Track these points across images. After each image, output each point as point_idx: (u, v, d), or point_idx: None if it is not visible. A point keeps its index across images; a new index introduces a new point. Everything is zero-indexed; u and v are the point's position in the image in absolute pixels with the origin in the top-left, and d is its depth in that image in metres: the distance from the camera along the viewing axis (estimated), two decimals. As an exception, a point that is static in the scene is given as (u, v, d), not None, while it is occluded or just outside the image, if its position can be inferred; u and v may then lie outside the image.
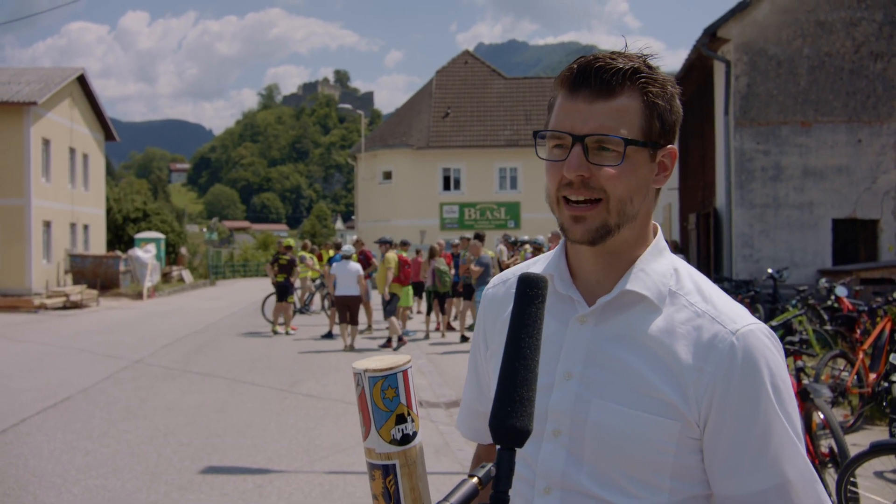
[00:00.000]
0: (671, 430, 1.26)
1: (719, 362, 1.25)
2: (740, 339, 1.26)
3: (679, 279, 1.35)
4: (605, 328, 1.33)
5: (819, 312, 11.22)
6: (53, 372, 11.84)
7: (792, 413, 1.27)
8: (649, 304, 1.32)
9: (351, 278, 14.57)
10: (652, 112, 1.30)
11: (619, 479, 1.28)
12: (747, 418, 1.25)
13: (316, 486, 6.12)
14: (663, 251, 1.38)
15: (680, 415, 1.26)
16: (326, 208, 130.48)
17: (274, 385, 10.67)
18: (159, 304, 27.43)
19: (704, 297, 1.33)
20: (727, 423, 1.25)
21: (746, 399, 1.24)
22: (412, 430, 1.25)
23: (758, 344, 1.26)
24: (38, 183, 29.59)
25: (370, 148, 40.53)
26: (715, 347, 1.26)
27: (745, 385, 1.24)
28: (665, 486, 1.28)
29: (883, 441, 4.94)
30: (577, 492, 1.31)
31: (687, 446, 1.28)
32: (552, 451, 1.33)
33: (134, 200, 43.91)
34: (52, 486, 6.17)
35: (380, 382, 1.22)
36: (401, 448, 1.23)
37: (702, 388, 1.26)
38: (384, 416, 1.23)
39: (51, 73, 32.16)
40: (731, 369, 1.25)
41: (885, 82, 15.56)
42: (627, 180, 1.29)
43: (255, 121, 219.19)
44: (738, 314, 1.30)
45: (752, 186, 15.81)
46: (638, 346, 1.30)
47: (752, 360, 1.25)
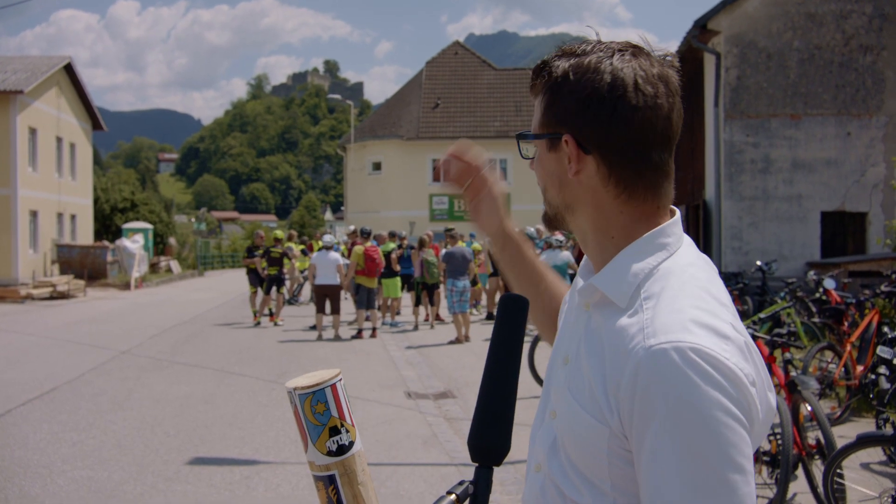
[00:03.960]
0: (601, 435, 1.18)
1: (628, 377, 1.14)
2: (648, 356, 1.12)
3: (653, 279, 1.24)
4: (593, 319, 1.31)
5: (807, 305, 11.26)
6: (40, 363, 11.77)
7: (696, 457, 1.07)
8: (612, 302, 1.26)
9: (330, 268, 14.72)
10: (552, 102, 1.31)
11: (573, 474, 1.25)
12: (639, 446, 1.13)
13: (303, 476, 6.10)
14: (659, 247, 1.27)
15: (605, 421, 1.18)
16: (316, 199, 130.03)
17: (262, 376, 10.63)
18: (147, 294, 27.32)
19: (657, 302, 1.19)
20: (633, 444, 1.15)
21: (641, 424, 1.12)
22: (348, 441, 1.30)
23: (667, 365, 1.10)
24: (25, 172, 29.40)
25: (360, 139, 40.43)
26: (630, 359, 1.15)
27: (641, 408, 1.12)
28: (607, 491, 1.21)
29: (869, 433, 4.96)
30: (549, 477, 1.29)
31: (619, 456, 1.18)
32: (546, 432, 1.33)
33: (122, 190, 43.63)
34: (37, 476, 6.13)
35: (309, 398, 1.28)
36: (337, 458, 1.28)
37: (619, 400, 1.16)
38: (318, 430, 1.28)
39: (38, 62, 31.91)
40: (634, 388, 1.13)
41: (874, 75, 15.59)
42: (538, 172, 1.36)
43: (244, 111, 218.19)
44: (671, 327, 1.14)
45: (742, 179, 15.83)
46: (596, 344, 1.24)
47: (651, 383, 1.11)
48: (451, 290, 14.21)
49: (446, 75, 42.09)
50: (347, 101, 48.37)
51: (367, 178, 40.07)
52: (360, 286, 14.84)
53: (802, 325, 9.84)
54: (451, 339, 14.00)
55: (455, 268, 14.37)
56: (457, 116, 39.94)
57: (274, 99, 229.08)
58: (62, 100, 33.18)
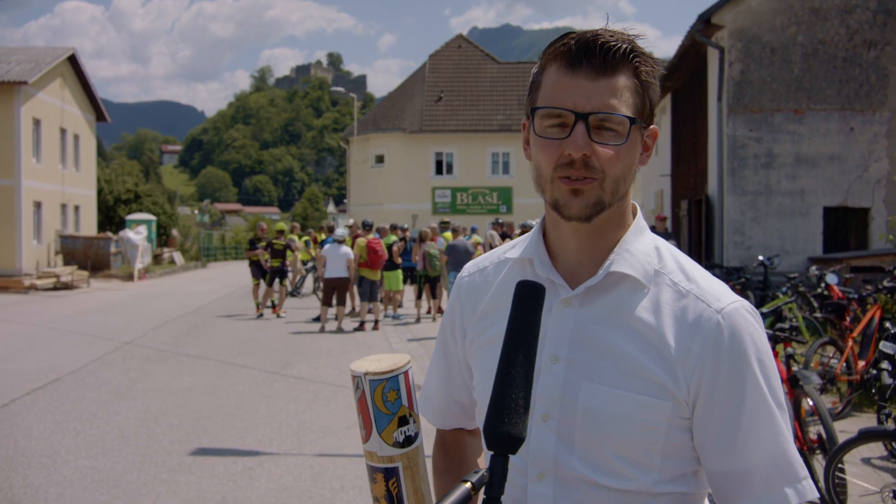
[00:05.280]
0: (661, 411, 1.27)
1: (706, 342, 1.26)
2: (726, 318, 1.27)
3: (661, 258, 1.35)
4: (589, 310, 1.33)
5: (809, 300, 11.25)
6: (43, 353, 11.81)
7: (777, 388, 1.29)
8: (635, 283, 1.32)
9: (341, 261, 14.73)
10: (644, 92, 1.30)
11: (611, 460, 1.28)
12: (736, 397, 1.26)
13: (306, 468, 6.13)
14: (644, 230, 1.38)
15: (670, 395, 1.27)
16: (318, 191, 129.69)
17: (265, 368, 10.66)
18: (150, 285, 27.36)
19: (687, 275, 1.33)
20: (717, 402, 1.26)
21: (735, 378, 1.26)
22: (414, 432, 1.23)
23: (742, 322, 1.28)
24: (29, 163, 29.40)
25: (363, 131, 40.40)
26: (701, 327, 1.27)
27: (733, 364, 1.26)
28: (656, 465, 1.29)
29: (871, 428, 4.97)
30: (570, 476, 1.30)
31: (677, 426, 1.28)
32: (542, 436, 1.32)
33: (125, 182, 43.63)
34: (41, 466, 6.17)
35: (381, 385, 1.20)
36: (404, 450, 1.22)
37: (690, 368, 1.26)
38: (387, 419, 1.20)
39: (42, 53, 31.89)
40: (719, 348, 1.26)
41: (878, 70, 15.56)
42: (624, 160, 1.29)
43: (247, 103, 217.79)
44: (722, 292, 1.31)
45: (745, 173, 15.82)
46: (625, 326, 1.30)
47: (738, 339, 1.26)
48: (453, 283, 14.22)
49: (449, 68, 42.01)
50: (351, 93, 48.35)
51: (369, 170, 40.05)
52: (362, 278, 14.88)
53: (804, 319, 9.84)
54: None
55: (457, 260, 14.39)
56: (460, 110, 39.88)
57: (277, 91, 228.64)
58: (66, 91, 33.16)
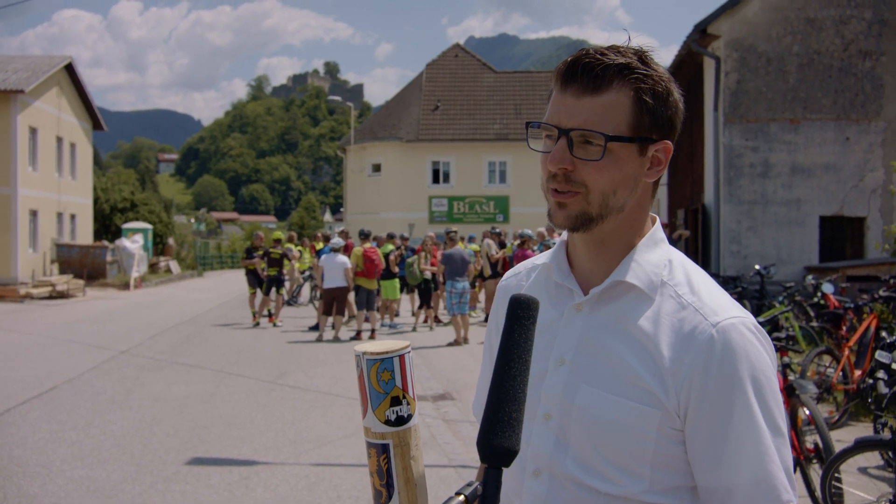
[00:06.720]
0: (651, 419, 1.28)
1: (697, 354, 1.27)
2: (720, 332, 1.27)
3: (672, 270, 1.37)
4: (597, 316, 1.36)
5: (805, 309, 11.26)
6: (39, 362, 11.78)
7: (774, 410, 1.28)
8: (640, 293, 1.34)
9: (338, 271, 14.70)
10: (641, 108, 1.32)
11: (601, 464, 1.31)
12: (724, 412, 1.26)
13: (302, 478, 6.11)
14: (659, 242, 1.40)
15: (660, 404, 1.28)
16: (315, 200, 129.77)
17: (261, 377, 10.64)
18: (146, 294, 27.31)
19: (692, 288, 1.34)
20: (704, 416, 1.27)
21: (724, 393, 1.26)
22: (407, 413, 1.29)
23: (738, 338, 1.27)
24: (25, 172, 29.38)
25: (359, 140, 40.45)
26: (694, 339, 1.28)
27: (723, 379, 1.26)
28: (645, 474, 1.30)
29: (867, 437, 4.97)
30: (563, 476, 1.34)
31: (667, 436, 1.29)
32: (542, 434, 1.36)
33: (121, 190, 43.60)
34: (36, 476, 6.14)
35: (376, 365, 1.27)
36: (395, 429, 1.28)
37: (681, 380, 1.27)
38: (380, 398, 1.28)
39: (38, 62, 31.91)
40: (709, 362, 1.26)
41: (873, 80, 15.61)
42: (610, 174, 1.32)
43: (244, 112, 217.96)
44: (723, 306, 1.31)
45: (741, 183, 15.85)
46: (625, 334, 1.33)
47: (730, 354, 1.26)
48: (450, 292, 14.22)
49: (446, 78, 42.09)
50: (347, 102, 48.45)
51: (366, 179, 40.07)
52: (359, 287, 14.87)
53: (801, 329, 9.84)
54: (450, 340, 14.01)
55: (454, 269, 14.38)
56: (457, 119, 39.94)
57: (274, 100, 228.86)
58: (63, 100, 33.17)
